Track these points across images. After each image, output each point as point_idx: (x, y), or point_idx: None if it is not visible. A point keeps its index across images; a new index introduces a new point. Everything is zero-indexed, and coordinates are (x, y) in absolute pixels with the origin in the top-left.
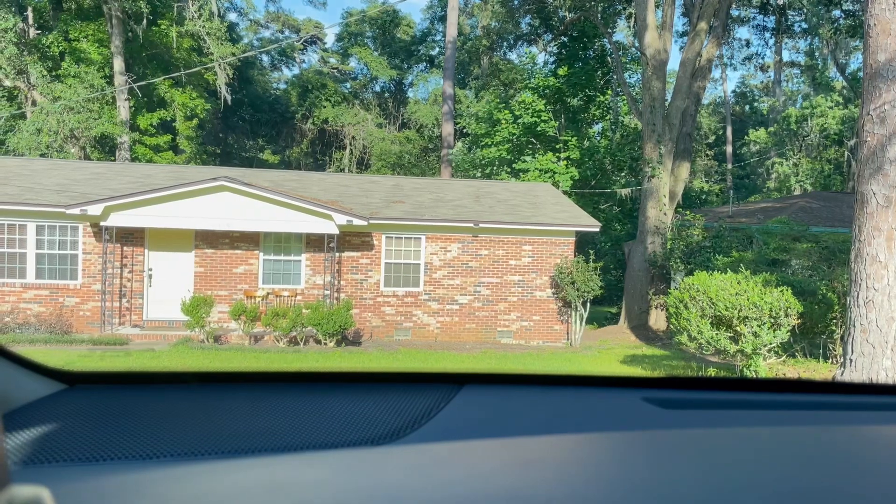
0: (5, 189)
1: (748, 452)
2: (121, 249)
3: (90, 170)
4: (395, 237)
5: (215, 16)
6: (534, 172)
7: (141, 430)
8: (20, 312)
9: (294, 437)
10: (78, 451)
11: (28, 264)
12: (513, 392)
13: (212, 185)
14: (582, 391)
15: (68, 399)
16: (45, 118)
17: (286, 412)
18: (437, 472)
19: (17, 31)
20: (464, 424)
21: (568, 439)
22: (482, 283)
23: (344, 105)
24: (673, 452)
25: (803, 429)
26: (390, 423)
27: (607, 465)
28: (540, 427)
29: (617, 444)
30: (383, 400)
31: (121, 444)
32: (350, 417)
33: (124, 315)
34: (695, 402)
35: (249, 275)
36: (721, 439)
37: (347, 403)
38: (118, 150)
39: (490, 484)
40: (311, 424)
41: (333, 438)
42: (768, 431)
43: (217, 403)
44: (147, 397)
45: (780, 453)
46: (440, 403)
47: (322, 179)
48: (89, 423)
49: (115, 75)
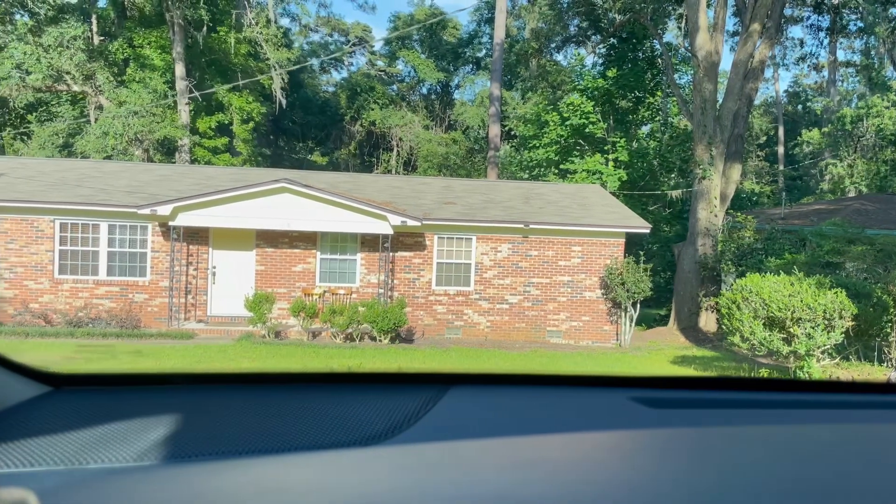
0: (80, 190)
1: (736, 451)
2: (187, 248)
3: (157, 172)
4: (447, 237)
5: (272, 23)
6: (581, 174)
7: (127, 432)
8: (93, 308)
9: (282, 439)
10: (63, 455)
11: (100, 262)
12: (501, 392)
13: (273, 186)
14: (569, 391)
15: (54, 401)
16: (111, 122)
17: (274, 413)
18: (426, 474)
19: (85, 38)
20: (452, 425)
21: (556, 439)
22: (532, 283)
23: (391, 107)
24: (661, 452)
25: (791, 427)
26: (378, 424)
27: (595, 464)
28: (528, 427)
29: (605, 444)
30: (371, 401)
31: (106, 448)
32: (338, 418)
33: (189, 311)
34: (682, 402)
35: (307, 273)
36: (709, 438)
37: (335, 404)
38: (178, 152)
39: (478, 485)
40: (299, 426)
41: (321, 440)
42: (756, 430)
43: (204, 405)
44: (133, 399)
45: (768, 452)
46: (428, 404)
47: (375, 181)
48: (75, 425)
49: (177, 80)
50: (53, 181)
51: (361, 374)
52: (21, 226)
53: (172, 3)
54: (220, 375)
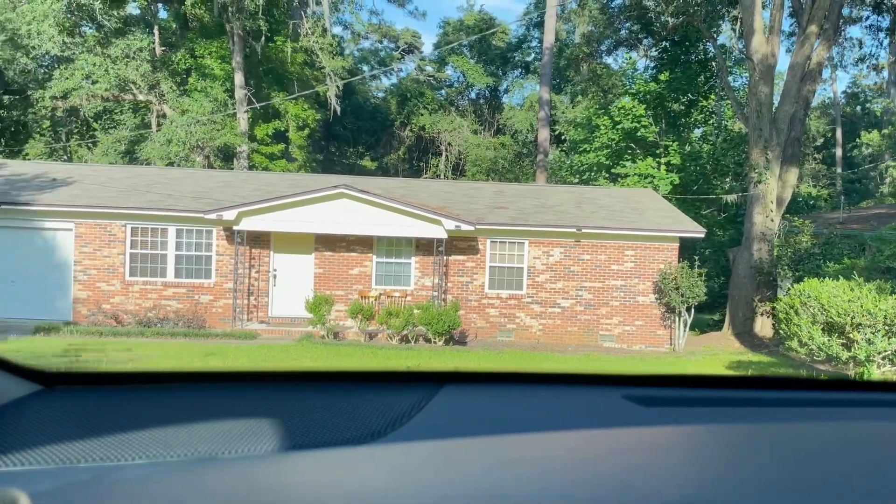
0: (149, 196)
1: (730, 449)
2: (249, 251)
3: (220, 178)
4: (500, 241)
5: (327, 32)
6: (633, 178)
7: (119, 431)
8: (161, 308)
9: (276, 438)
10: (55, 454)
11: (168, 265)
12: (494, 390)
13: (332, 192)
14: (563, 389)
15: (45, 400)
16: (174, 130)
17: (268, 412)
18: (419, 472)
19: (150, 50)
20: (445, 423)
21: (549, 437)
22: (584, 288)
23: (440, 112)
24: (654, 450)
25: (784, 425)
26: (371, 423)
27: (589, 462)
28: (521, 425)
29: (598, 442)
30: (365, 399)
31: (98, 446)
32: (332, 417)
33: (252, 312)
34: (675, 400)
35: (363, 276)
36: (702, 436)
37: (330, 403)
38: (237, 158)
39: (472, 483)
40: (292, 424)
41: (315, 438)
42: (749, 428)
43: (197, 404)
44: (125, 398)
45: (761, 450)
46: (421, 402)
47: (427, 186)
48: (66, 424)
49: (236, 89)
50: (124, 188)
51: (355, 372)
52: (95, 230)
53: (232, 14)
54: (212, 374)
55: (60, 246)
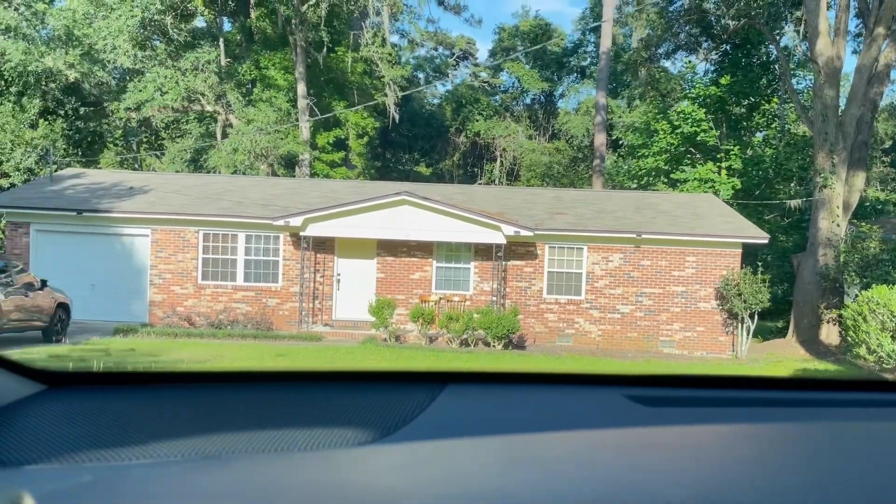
0: (220, 203)
1: (731, 449)
2: (314, 256)
3: (285, 185)
4: (558, 247)
5: (387, 42)
6: (693, 183)
7: (121, 431)
8: (231, 311)
9: (278, 437)
10: (57, 453)
11: (238, 269)
12: (496, 390)
13: (394, 199)
14: (565, 389)
15: (48, 400)
16: (240, 139)
17: (270, 412)
18: (422, 472)
19: (217, 62)
20: (448, 423)
21: (551, 437)
22: (644, 293)
23: (495, 118)
24: (656, 449)
25: (787, 425)
26: (374, 423)
27: (591, 462)
28: (523, 425)
29: (600, 442)
30: (368, 399)
31: (100, 446)
32: (335, 417)
33: (316, 315)
34: (677, 400)
35: (424, 281)
36: (704, 436)
37: (332, 403)
38: (299, 166)
39: (474, 483)
40: (295, 424)
41: (318, 438)
42: (752, 428)
43: (198, 404)
44: (127, 398)
45: (764, 450)
46: (424, 402)
47: (486, 192)
48: (69, 424)
49: (298, 99)
50: (197, 195)
51: (358, 372)
52: (170, 236)
53: (295, 26)
54: (214, 374)
55: (138, 251)
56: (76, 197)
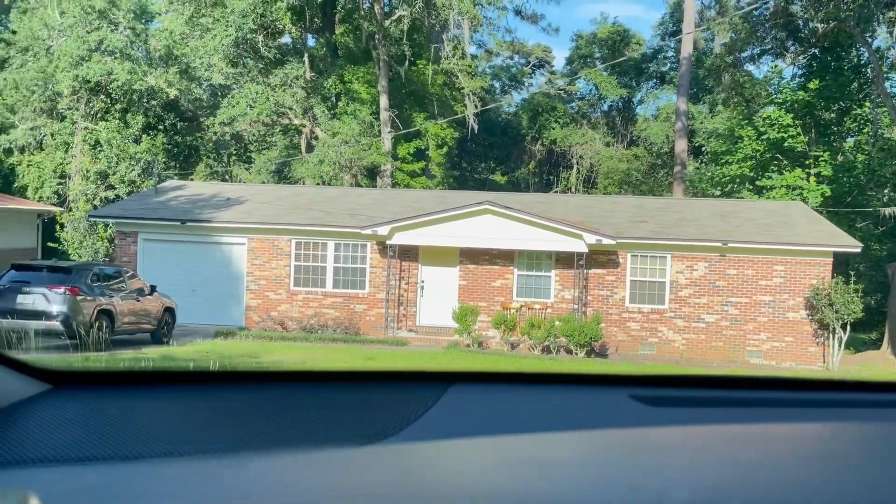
0: (310, 213)
1: (736, 449)
2: (399, 264)
3: (372, 196)
4: (641, 256)
5: (467, 54)
6: (779, 190)
7: (126, 430)
8: (321, 316)
9: (283, 437)
10: (63, 453)
11: (327, 276)
12: (500, 390)
13: (477, 208)
14: (569, 389)
15: (53, 400)
16: (326, 151)
17: (275, 411)
18: (425, 472)
19: (304, 78)
20: (452, 423)
21: (556, 437)
22: (730, 303)
23: (572, 125)
24: (661, 450)
25: (791, 426)
26: (378, 423)
27: (596, 462)
28: (528, 425)
29: (605, 442)
30: (371, 399)
31: (106, 446)
32: (339, 416)
33: (401, 320)
34: (682, 400)
35: (505, 288)
36: (709, 436)
37: (336, 402)
38: (380, 176)
39: (478, 483)
40: (299, 423)
41: (322, 438)
42: (756, 428)
43: (204, 403)
44: (133, 397)
45: (768, 450)
46: (428, 402)
47: (567, 201)
48: (74, 424)
49: (381, 111)
50: (289, 206)
51: (362, 372)
52: (264, 244)
53: (378, 41)
54: (219, 374)
55: (235, 259)
56: (179, 208)
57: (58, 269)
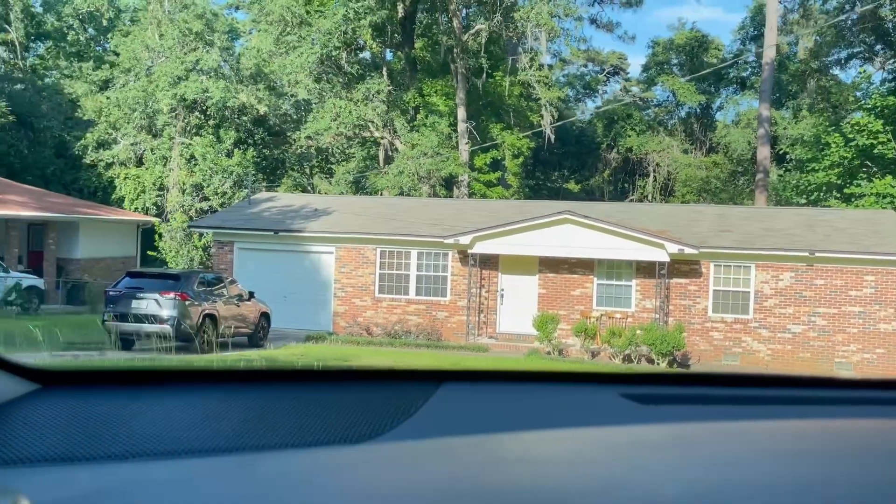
0: (394, 223)
1: (727, 447)
2: (479, 272)
3: (453, 206)
4: (724, 265)
5: (544, 66)
6: (869, 198)
7: (117, 430)
8: (405, 322)
9: (271, 436)
10: (51, 454)
11: (410, 284)
12: (492, 388)
13: (557, 218)
14: (559, 387)
15: (42, 399)
16: (405, 162)
17: (266, 411)
18: (417, 470)
19: (386, 92)
20: (443, 421)
21: (546, 435)
22: (817, 313)
23: (648, 133)
24: (650, 448)
25: (783, 423)
26: (369, 421)
27: (585, 461)
28: (519, 423)
29: (595, 441)
30: (362, 398)
31: (96, 446)
32: (328, 415)
33: (482, 327)
34: (672, 398)
35: (585, 297)
36: (700, 434)
37: (325, 401)
38: (457, 186)
39: (469, 481)
40: (290, 423)
41: (311, 437)
42: (747, 426)
43: (195, 403)
44: (124, 397)
45: (760, 448)
46: (419, 401)
47: (648, 210)
48: (63, 424)
49: (458, 123)
50: (373, 216)
51: (352, 370)
52: (351, 253)
53: (457, 55)
54: (211, 372)
55: (324, 267)
56: (271, 218)
57: (168, 276)
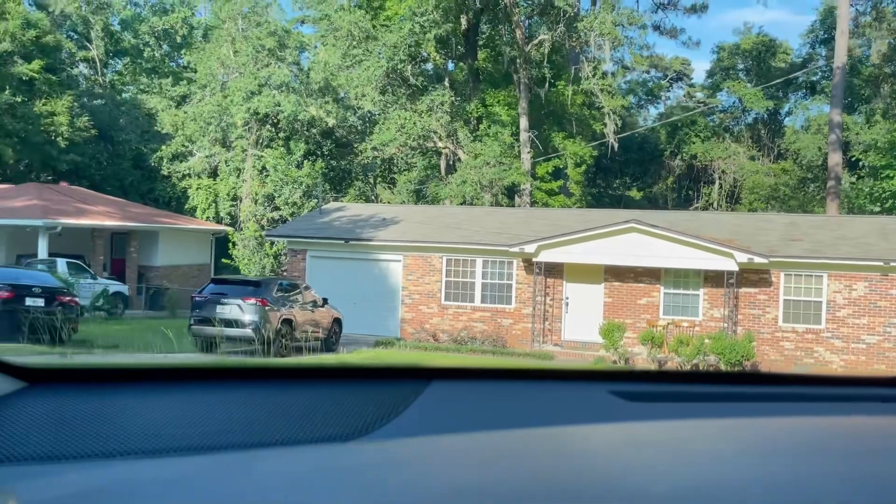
0: (459, 232)
1: (717, 445)
2: (544, 280)
3: (516, 215)
4: (795, 275)
5: (607, 74)
6: None
7: (104, 429)
8: (470, 329)
9: (262, 434)
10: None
11: (476, 291)
12: (481, 386)
13: (623, 227)
14: (549, 385)
15: (27, 398)
16: (468, 172)
17: (254, 408)
18: (406, 468)
19: (450, 103)
20: (433, 419)
21: (536, 433)
22: (893, 324)
23: (713, 139)
24: (640, 445)
25: (774, 420)
26: (358, 419)
27: (575, 458)
28: (508, 421)
29: (584, 438)
30: (350, 395)
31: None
32: (318, 413)
33: (546, 335)
34: (661, 395)
35: (651, 306)
36: (690, 431)
37: (315, 399)
38: (519, 195)
39: (458, 479)
40: (280, 421)
41: (300, 435)
42: (737, 423)
43: (184, 400)
44: (112, 395)
45: (749, 446)
46: (409, 398)
47: (715, 219)
48: (50, 423)
49: (521, 132)
50: (439, 225)
51: (341, 368)
52: (418, 261)
53: (519, 65)
54: (200, 370)
55: (392, 274)
56: (342, 227)
57: (249, 282)
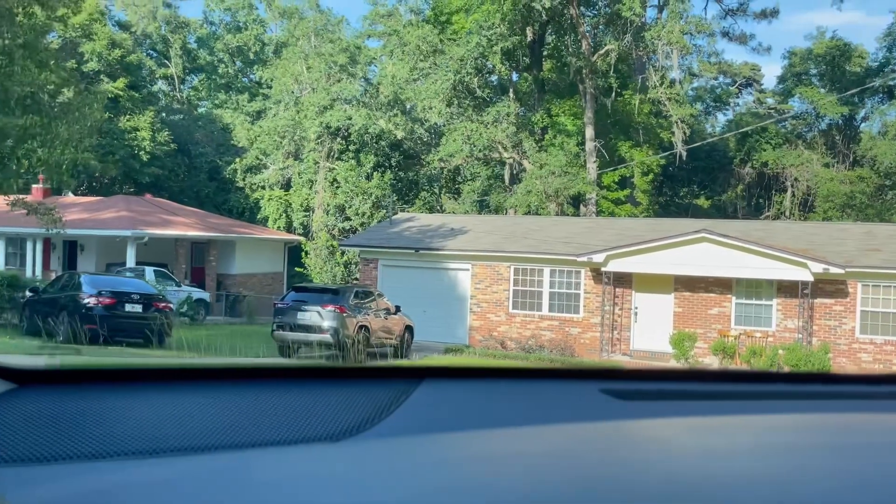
0: (526, 241)
1: (708, 442)
2: (613, 290)
3: (584, 224)
4: (873, 285)
5: (675, 83)
6: None
7: (95, 430)
8: (538, 338)
9: (252, 434)
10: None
11: (543, 300)
12: (472, 385)
13: (694, 236)
14: (539, 383)
15: (16, 399)
16: (534, 182)
17: (244, 408)
18: (397, 467)
19: (516, 114)
20: (424, 419)
21: (527, 432)
22: None
23: (785, 146)
24: (631, 443)
25: (764, 418)
26: (348, 419)
27: (566, 456)
28: (500, 420)
29: (576, 436)
30: (341, 395)
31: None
32: (307, 413)
33: (615, 344)
34: (652, 393)
35: (722, 316)
36: (680, 430)
37: (306, 398)
38: (585, 204)
39: (450, 478)
40: (270, 420)
41: (291, 434)
42: (728, 421)
43: (176, 401)
44: (103, 396)
45: (740, 443)
46: (400, 398)
47: (787, 228)
48: (39, 423)
49: (586, 141)
50: (506, 234)
51: (332, 368)
52: (486, 270)
53: (585, 75)
54: (191, 371)
55: (460, 283)
56: (412, 237)
57: (328, 290)
